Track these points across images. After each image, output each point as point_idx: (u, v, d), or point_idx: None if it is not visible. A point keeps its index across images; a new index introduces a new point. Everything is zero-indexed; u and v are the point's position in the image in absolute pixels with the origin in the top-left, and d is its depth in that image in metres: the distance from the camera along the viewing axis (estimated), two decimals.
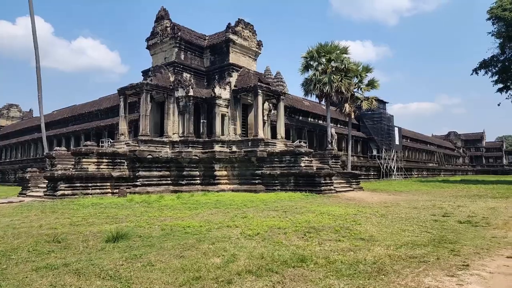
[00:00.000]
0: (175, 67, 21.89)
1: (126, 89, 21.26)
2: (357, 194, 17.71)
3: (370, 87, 29.65)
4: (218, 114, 21.31)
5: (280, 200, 14.09)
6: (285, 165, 18.79)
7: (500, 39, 32.67)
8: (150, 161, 18.40)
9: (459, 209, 11.12)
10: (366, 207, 11.87)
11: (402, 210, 10.85)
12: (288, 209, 11.03)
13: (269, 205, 12.42)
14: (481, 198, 15.59)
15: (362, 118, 40.20)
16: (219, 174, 19.50)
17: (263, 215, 9.60)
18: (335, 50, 27.30)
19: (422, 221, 8.48)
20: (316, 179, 17.14)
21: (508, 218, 9.05)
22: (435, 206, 12.17)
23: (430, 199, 15.12)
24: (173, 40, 22.14)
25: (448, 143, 74.40)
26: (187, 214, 9.95)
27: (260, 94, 21.02)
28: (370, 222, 8.29)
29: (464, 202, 13.59)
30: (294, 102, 32.21)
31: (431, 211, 10.66)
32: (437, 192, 19.86)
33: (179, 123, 21.58)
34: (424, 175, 50.48)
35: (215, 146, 20.71)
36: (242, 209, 11.30)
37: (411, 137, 54.09)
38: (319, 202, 13.32)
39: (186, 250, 5.32)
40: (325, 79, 26.80)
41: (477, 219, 8.92)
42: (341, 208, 11.30)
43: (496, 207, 11.65)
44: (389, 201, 14.29)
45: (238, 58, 23.11)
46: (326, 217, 9.12)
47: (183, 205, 12.72)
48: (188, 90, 21.03)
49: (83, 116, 34.73)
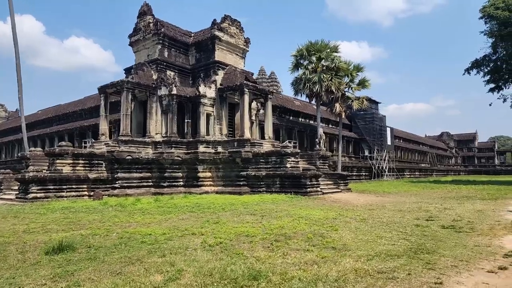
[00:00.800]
0: (158, 64, 21.21)
1: (106, 87, 20.54)
2: (344, 195, 17.19)
3: (361, 87, 29.20)
4: (203, 113, 20.68)
5: (262, 203, 13.51)
6: (271, 166, 18.21)
7: (493, 38, 32.42)
8: (130, 162, 17.72)
9: (445, 212, 10.62)
10: (349, 210, 11.33)
11: (386, 214, 10.32)
12: (267, 213, 10.45)
13: (249, 208, 11.84)
14: (470, 199, 15.13)
15: (354, 118, 39.79)
16: (203, 176, 18.87)
17: (238, 220, 9.01)
18: (325, 48, 26.81)
19: (404, 226, 7.94)
20: (301, 180, 16.58)
21: (494, 222, 8.54)
22: (421, 208, 11.67)
23: (418, 201, 14.63)
24: (156, 37, 21.47)
25: (441, 144, 74.41)
26: (156, 220, 9.33)
27: (246, 93, 20.42)
28: (348, 228, 7.73)
29: (451, 204, 13.11)
30: (284, 102, 31.67)
31: (415, 215, 10.15)
32: (426, 193, 19.41)
33: (162, 122, 20.92)
34: (417, 176, 50.24)
35: (200, 146, 20.08)
36: (218, 213, 10.70)
37: (403, 138, 53.85)
38: (302, 205, 12.77)
39: (129, 264, 4.71)
40: (315, 78, 26.29)
41: (462, 223, 8.40)
42: (322, 212, 10.75)
43: (484, 210, 11.17)
44: (375, 203, 13.78)
45: (224, 55, 22.49)
46: (303, 222, 8.55)
47: (159, 208, 12.09)
48: (171, 89, 20.37)
49: (67, 116, 33.89)
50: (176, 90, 20.49)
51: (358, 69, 28.87)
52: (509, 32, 28.93)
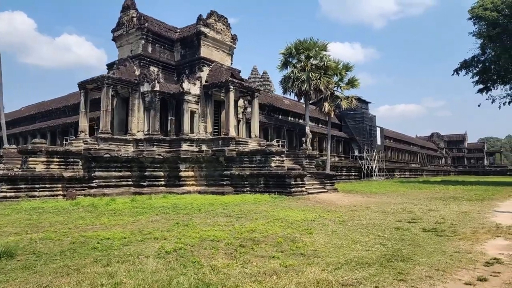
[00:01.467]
0: (141, 60, 20.55)
1: (86, 82, 19.83)
2: (330, 196, 16.76)
3: (350, 86, 28.83)
4: (186, 110, 20.07)
5: (243, 203, 13.01)
6: (255, 165, 17.70)
7: (481, 39, 32.33)
8: (108, 160, 17.05)
9: (429, 214, 10.22)
10: (331, 211, 10.88)
11: (368, 215, 9.89)
12: (244, 214, 9.95)
13: (227, 209, 11.33)
14: (456, 200, 14.81)
15: (344, 118, 39.50)
16: (185, 175, 18.28)
17: (209, 223, 8.49)
18: (314, 46, 26.37)
19: (383, 229, 7.49)
20: (286, 180, 16.11)
21: (478, 225, 8.15)
22: (405, 210, 11.27)
23: (403, 201, 14.26)
24: (139, 32, 20.80)
25: (431, 144, 74.71)
26: (124, 221, 8.76)
27: (231, 90, 19.87)
28: (324, 231, 7.26)
29: (437, 205, 12.74)
30: (273, 100, 31.19)
31: (398, 216, 9.73)
32: (414, 193, 19.10)
33: (144, 120, 20.28)
34: (407, 176, 50.20)
35: (183, 145, 19.48)
36: (192, 214, 10.17)
37: (394, 138, 53.78)
38: (283, 205, 12.29)
39: (64, 276, 4.16)
40: (304, 76, 25.84)
41: (444, 226, 7.99)
42: (302, 213, 10.28)
43: (469, 212, 10.81)
44: (360, 204, 13.36)
45: (210, 52, 21.91)
46: (278, 224, 8.06)
47: (132, 209, 11.51)
48: (154, 85, 19.74)
49: (50, 113, 32.98)
50: (159, 86, 19.87)
51: (347, 68, 28.50)
52: (497, 33, 28.85)
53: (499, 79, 33.00)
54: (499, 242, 6.28)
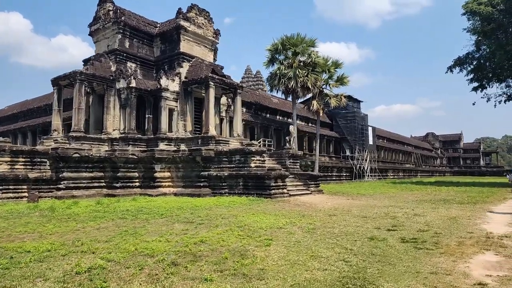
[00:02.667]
0: (117, 55, 19.48)
1: (59, 79, 18.75)
2: (312, 198, 15.79)
3: (339, 84, 27.90)
4: (164, 108, 19.04)
5: (215, 207, 12.01)
6: (234, 165, 16.70)
7: (476, 35, 31.48)
8: (77, 160, 15.98)
9: (413, 219, 9.27)
10: (306, 216, 9.90)
11: (345, 221, 8.92)
12: (208, 220, 8.96)
13: (194, 213, 10.34)
14: (447, 203, 13.88)
15: (335, 117, 38.60)
16: (160, 176, 17.24)
17: (163, 230, 7.48)
18: (301, 43, 25.39)
19: (355, 239, 6.51)
20: (265, 181, 15.11)
21: (466, 234, 7.19)
22: (388, 214, 10.32)
23: (389, 204, 13.31)
24: (115, 26, 19.74)
25: (426, 144, 74.01)
26: (68, 229, 7.74)
27: (211, 86, 18.85)
28: (285, 242, 6.28)
29: (424, 209, 11.80)
30: (261, 99, 30.20)
31: (378, 222, 8.77)
32: (403, 195, 18.17)
33: (120, 118, 19.22)
34: (400, 176, 49.36)
35: (160, 144, 18.45)
36: (151, 220, 9.16)
37: (387, 138, 52.95)
38: (258, 209, 11.30)
39: None
40: (290, 73, 24.87)
41: (427, 235, 7.03)
42: (273, 218, 9.29)
43: (458, 217, 9.86)
44: (342, 207, 12.39)
45: (191, 47, 20.89)
46: (237, 233, 7.07)
47: (91, 213, 10.50)
48: (130, 81, 18.69)
49: (32, 112, 31.83)
50: (135, 82, 18.82)
51: (337, 65, 27.57)
52: (492, 29, 28.00)
53: (495, 77, 32.16)
54: (487, 258, 5.32)
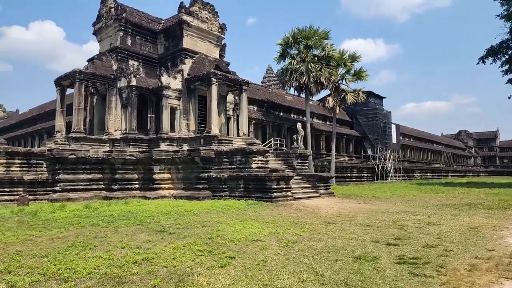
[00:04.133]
0: (118, 53, 18.95)
1: (61, 79, 18.45)
2: (320, 202, 14.39)
3: (357, 78, 26.13)
4: (166, 107, 18.28)
5: (206, 212, 10.99)
6: (235, 166, 15.61)
7: (510, 22, 28.62)
8: (74, 162, 15.46)
9: (425, 230, 7.77)
10: (299, 224, 8.63)
11: (340, 231, 7.58)
12: (183, 229, 7.96)
13: (177, 220, 9.39)
14: (472, 209, 12.09)
15: (355, 115, 36.66)
16: (159, 178, 16.43)
17: (120, 243, 6.51)
18: (314, 35, 23.92)
19: (337, 258, 5.22)
20: (267, 183, 13.90)
21: (484, 253, 5.67)
22: (397, 222, 8.84)
23: (404, 210, 11.72)
24: (117, 23, 19.22)
25: (458, 143, 69.69)
26: (21, 238, 6.96)
27: (214, 83, 17.88)
28: (248, 262, 5.10)
29: (442, 216, 10.16)
30: (273, 96, 28.94)
31: (380, 233, 7.38)
32: (424, 199, 16.36)
33: (122, 118, 18.68)
34: (428, 177, 46.40)
35: (161, 144, 17.71)
36: (122, 228, 8.26)
37: (414, 136, 50.05)
38: (250, 215, 10.16)
39: None
40: (302, 68, 23.47)
41: (434, 253, 5.60)
42: (260, 226, 8.12)
43: (481, 227, 8.24)
44: (347, 213, 10.98)
45: (195, 43, 20.03)
46: (199, 247, 5.96)
47: (72, 218, 9.85)
48: (130, 79, 18.08)
49: (49, 114, 32.24)
50: (136, 81, 18.19)
51: (354, 59, 25.83)
52: None
53: None
54: None
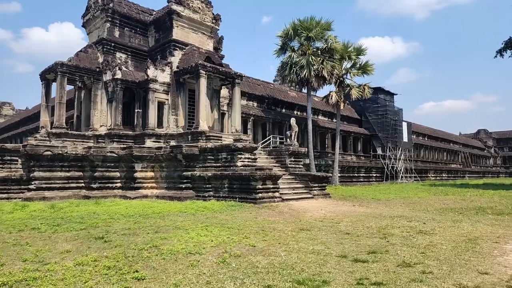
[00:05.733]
0: (104, 45, 18.12)
1: (45, 72, 17.74)
2: (310, 203, 13.10)
3: (362, 72, 24.60)
4: (153, 101, 17.33)
5: (174, 215, 9.95)
6: (220, 164, 14.49)
7: None
8: (50, 158, 14.66)
9: (411, 241, 6.44)
10: (265, 231, 7.43)
11: (309, 241, 6.36)
12: (130, 235, 6.94)
13: (137, 223, 8.46)
14: (479, 213, 10.58)
15: (364, 112, 34.96)
16: (141, 176, 15.46)
17: (42, 251, 5.48)
18: (316, 26, 22.54)
19: (272, 284, 4.01)
20: (251, 183, 12.71)
21: (474, 277, 4.33)
22: (383, 231, 7.52)
23: (399, 214, 10.32)
24: (104, 13, 18.39)
25: (477, 142, 66.52)
26: None
27: (203, 75, 16.80)
28: (156, 285, 3.94)
29: (441, 222, 8.74)
30: (275, 92, 27.68)
31: (356, 245, 6.11)
32: (429, 201, 14.82)
33: (108, 113, 17.85)
34: (444, 178, 44.10)
35: (147, 141, 16.78)
36: (58, 234, 7.29)
37: (429, 134, 47.74)
38: (219, 220, 9.03)
39: None
40: (303, 61, 22.13)
41: (407, 275, 4.32)
42: (216, 234, 6.98)
43: (481, 238, 6.83)
44: (333, 217, 9.69)
45: (186, 34, 19.02)
46: (110, 262, 4.87)
47: (23, 220, 8.92)
48: (115, 72, 17.21)
49: None
50: (121, 73, 17.31)
51: (359, 51, 24.31)
52: None
53: None
54: None
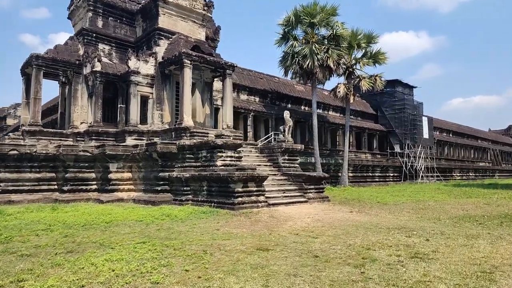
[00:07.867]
0: (85, 36, 16.83)
1: (24, 67, 16.66)
2: (300, 209, 11.16)
3: (373, 61, 22.26)
4: (135, 95, 15.88)
5: (124, 224, 8.33)
6: (200, 164, 12.79)
7: None
8: (17, 158, 13.44)
9: (396, 273, 4.47)
10: (208, 254, 5.66)
11: (240, 276, 4.52)
12: (12, 262, 5.28)
13: (67, 237, 6.84)
14: (504, 225, 8.32)
15: (380, 107, 32.36)
16: (116, 177, 14.00)
17: None
18: (320, 12, 20.44)
19: None
20: (230, 185, 10.93)
21: None
22: (366, 251, 5.57)
23: (402, 225, 8.24)
24: (86, 2, 17.11)
25: (507, 139, 61.69)
26: None
27: (188, 65, 15.16)
28: None
29: (450, 238, 6.63)
30: (279, 86, 25.72)
31: (311, 280, 4.21)
32: (446, 206, 12.50)
33: (88, 109, 16.57)
34: (470, 177, 40.57)
35: (127, 138, 15.35)
36: None
37: (453, 131, 44.21)
38: (171, 232, 7.36)
39: None
40: (306, 50, 20.10)
41: None
42: (138, 258, 5.28)
43: (502, 267, 4.73)
44: (315, 228, 7.77)
45: (174, 22, 17.45)
46: None
47: None
48: (94, 64, 15.87)
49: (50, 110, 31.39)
50: (100, 66, 15.95)
51: (369, 39, 21.97)
52: None
53: None
54: None
